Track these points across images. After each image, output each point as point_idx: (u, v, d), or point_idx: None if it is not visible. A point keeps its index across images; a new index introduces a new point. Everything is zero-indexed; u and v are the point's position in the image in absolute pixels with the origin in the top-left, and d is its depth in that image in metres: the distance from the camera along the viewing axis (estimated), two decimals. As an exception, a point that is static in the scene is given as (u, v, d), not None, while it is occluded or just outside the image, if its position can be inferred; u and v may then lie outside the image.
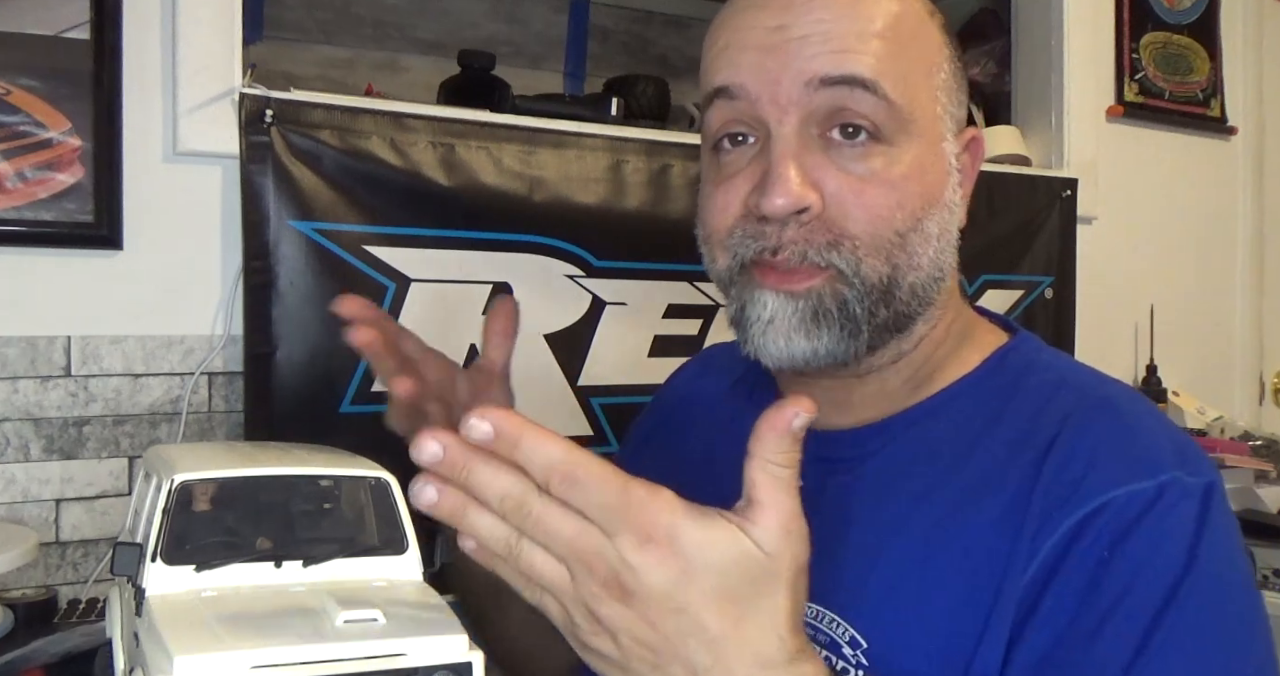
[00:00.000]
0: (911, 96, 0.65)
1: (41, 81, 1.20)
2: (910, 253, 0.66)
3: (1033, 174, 1.94)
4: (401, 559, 0.61)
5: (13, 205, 1.19)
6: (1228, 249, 2.31)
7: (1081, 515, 0.60)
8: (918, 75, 0.66)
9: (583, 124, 1.49)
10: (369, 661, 0.50)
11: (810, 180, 0.64)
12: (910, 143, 0.65)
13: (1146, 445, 0.64)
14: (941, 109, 0.68)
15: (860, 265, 0.65)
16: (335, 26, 1.88)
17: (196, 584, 0.56)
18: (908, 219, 0.65)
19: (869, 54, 0.64)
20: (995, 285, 1.88)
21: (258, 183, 1.27)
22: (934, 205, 0.67)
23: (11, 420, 1.22)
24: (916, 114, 0.66)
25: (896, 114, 0.64)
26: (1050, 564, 0.60)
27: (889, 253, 0.65)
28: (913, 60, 0.66)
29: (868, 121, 0.64)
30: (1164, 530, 0.59)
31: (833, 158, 0.65)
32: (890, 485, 0.69)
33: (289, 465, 0.63)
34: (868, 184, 0.64)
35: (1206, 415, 2.07)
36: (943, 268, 0.69)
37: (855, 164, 0.65)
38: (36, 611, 1.12)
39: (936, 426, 0.70)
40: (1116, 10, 2.09)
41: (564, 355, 1.48)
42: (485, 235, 1.42)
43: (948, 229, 0.69)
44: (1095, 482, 0.61)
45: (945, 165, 0.68)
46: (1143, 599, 0.58)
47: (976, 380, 0.71)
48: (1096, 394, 0.68)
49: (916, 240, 0.66)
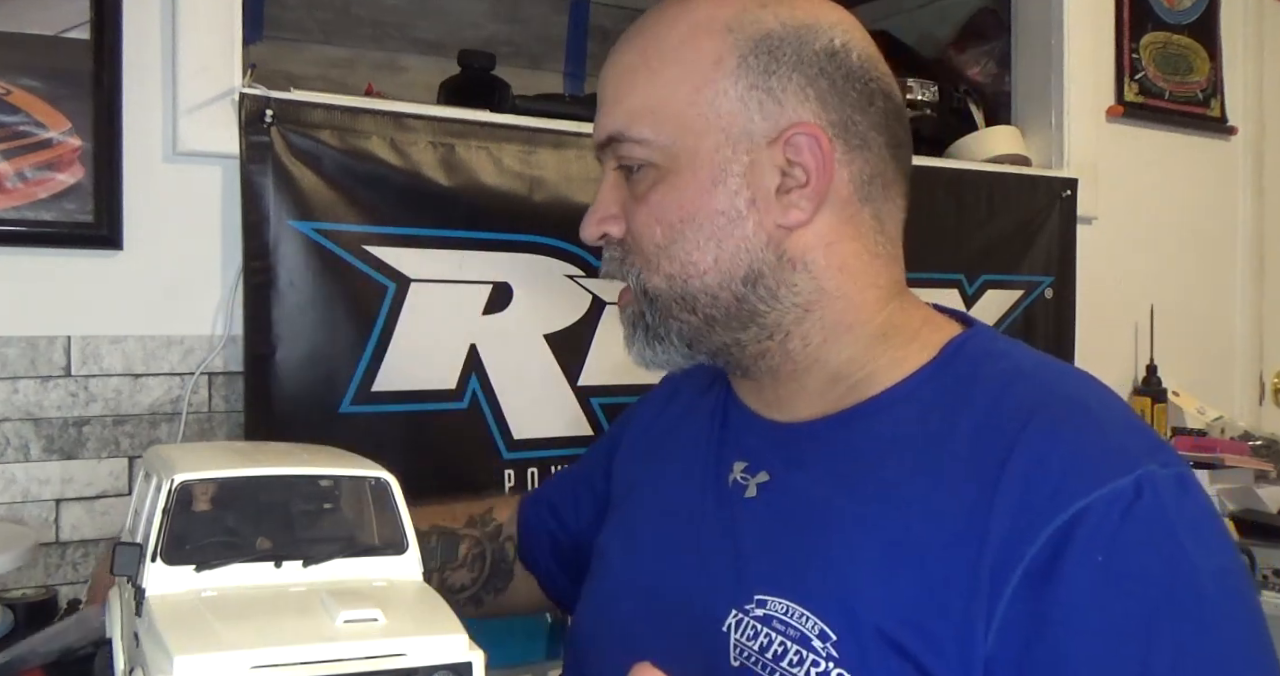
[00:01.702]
0: (672, 125, 0.72)
1: (41, 81, 1.20)
2: (679, 262, 0.73)
3: (1033, 174, 1.94)
4: (401, 559, 0.61)
5: (13, 205, 1.19)
6: (1228, 249, 2.31)
7: (1064, 519, 0.60)
8: (675, 100, 0.72)
9: (583, 124, 1.49)
10: (369, 661, 0.50)
11: (610, 212, 0.76)
12: (682, 163, 0.72)
13: (1117, 441, 0.64)
14: (723, 120, 0.71)
15: (640, 277, 0.75)
16: (335, 26, 1.88)
17: (196, 584, 0.56)
18: (666, 232, 0.73)
19: (620, 110, 0.74)
20: (995, 285, 1.88)
21: (258, 183, 1.27)
22: (698, 216, 0.72)
23: (11, 420, 1.22)
24: (683, 137, 0.72)
25: (657, 147, 0.72)
26: (1039, 570, 0.60)
27: (657, 264, 0.74)
28: (666, 89, 0.72)
29: (640, 161, 0.74)
30: (1151, 526, 0.60)
31: (631, 191, 0.75)
32: (851, 480, 0.70)
33: (289, 465, 0.63)
34: (637, 208, 0.74)
35: (1206, 415, 2.07)
36: (752, 268, 0.72)
37: (636, 190, 0.75)
38: (36, 611, 1.12)
39: (891, 421, 0.71)
40: (1116, 10, 2.10)
41: (564, 355, 1.48)
42: (485, 235, 1.42)
43: (730, 235, 0.72)
44: (1073, 486, 0.61)
45: (713, 175, 0.72)
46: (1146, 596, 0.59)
47: (929, 375, 0.72)
48: (1057, 389, 0.68)
49: (681, 251, 0.72)
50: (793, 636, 0.66)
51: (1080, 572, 0.59)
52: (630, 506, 0.88)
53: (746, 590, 0.70)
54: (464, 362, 1.42)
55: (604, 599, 0.85)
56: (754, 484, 0.76)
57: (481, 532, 1.01)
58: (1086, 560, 0.59)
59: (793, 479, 0.74)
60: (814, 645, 0.65)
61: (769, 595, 0.69)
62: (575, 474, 1.03)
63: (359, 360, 1.33)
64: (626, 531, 0.86)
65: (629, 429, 0.96)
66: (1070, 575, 0.60)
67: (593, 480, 0.97)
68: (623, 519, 0.88)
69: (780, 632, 0.67)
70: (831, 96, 0.72)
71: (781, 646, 0.66)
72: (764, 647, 0.67)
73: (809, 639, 0.65)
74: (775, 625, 0.67)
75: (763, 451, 0.77)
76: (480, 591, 1.00)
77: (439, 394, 1.39)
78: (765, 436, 0.78)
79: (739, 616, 0.70)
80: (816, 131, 0.71)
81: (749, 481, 0.76)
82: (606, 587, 0.85)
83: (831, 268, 0.73)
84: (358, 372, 1.33)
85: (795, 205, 0.72)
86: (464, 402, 1.41)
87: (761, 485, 0.75)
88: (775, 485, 0.75)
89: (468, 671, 0.52)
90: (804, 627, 0.66)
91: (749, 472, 0.77)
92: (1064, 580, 0.60)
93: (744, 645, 0.69)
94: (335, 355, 1.31)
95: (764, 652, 0.67)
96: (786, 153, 0.71)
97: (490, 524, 1.02)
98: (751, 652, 0.68)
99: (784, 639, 0.66)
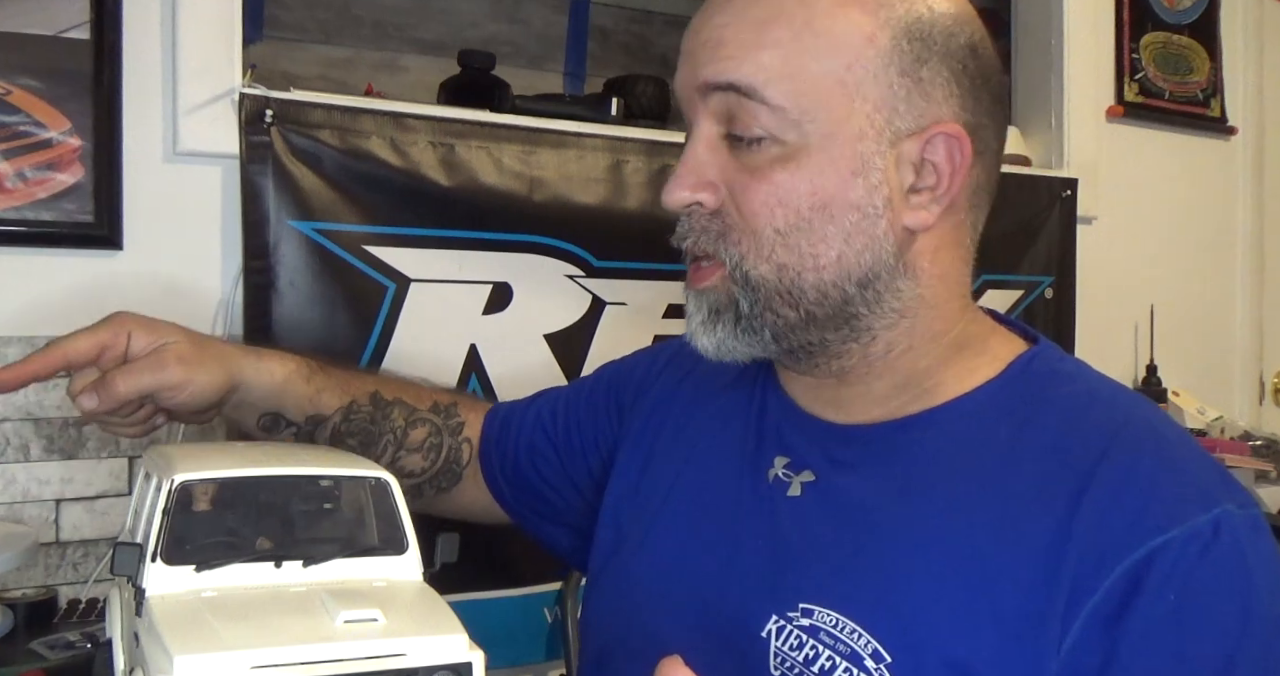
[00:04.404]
0: (810, 97, 0.65)
1: (41, 81, 1.20)
2: (799, 253, 0.66)
3: (1033, 174, 1.94)
4: (401, 559, 0.61)
5: (13, 205, 1.19)
6: (1228, 249, 2.31)
7: (1140, 556, 0.59)
8: (822, 73, 0.65)
9: (583, 124, 1.49)
10: (369, 661, 0.50)
11: (708, 178, 0.67)
12: (811, 142, 0.65)
13: (1197, 477, 0.63)
14: (869, 106, 0.65)
15: (743, 261, 0.67)
16: (335, 26, 1.88)
17: (196, 584, 0.56)
18: (790, 217, 0.66)
19: (751, 60, 0.65)
20: (995, 285, 1.89)
21: (258, 183, 1.27)
22: (830, 206, 0.66)
23: (11, 420, 1.22)
24: (818, 113, 0.65)
25: (785, 116, 0.65)
26: (1111, 606, 0.59)
27: (770, 251, 0.66)
28: (815, 58, 0.65)
29: (757, 124, 0.65)
30: (1227, 569, 0.59)
31: (734, 156, 0.67)
32: (909, 489, 0.67)
33: (289, 465, 0.63)
34: (753, 181, 0.66)
35: (1206, 415, 2.07)
36: (870, 270, 0.67)
37: (748, 161, 0.66)
38: (36, 611, 1.12)
39: (955, 432, 0.68)
40: (1116, 10, 2.10)
41: (564, 355, 1.48)
42: (485, 235, 1.42)
43: (861, 231, 0.66)
44: (1150, 522, 0.60)
45: (855, 165, 0.66)
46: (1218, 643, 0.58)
47: (996, 389, 0.69)
48: (1135, 417, 0.66)
49: (804, 241, 0.66)
50: (843, 652, 0.63)
51: (1152, 612, 0.58)
52: (650, 488, 0.83)
53: (790, 596, 0.67)
54: (464, 363, 1.42)
55: (625, 585, 0.80)
56: (798, 482, 0.72)
57: (443, 423, 0.95)
58: (1159, 599, 0.58)
59: (843, 481, 0.70)
60: (866, 665, 0.62)
61: (816, 604, 0.65)
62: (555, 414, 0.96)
63: (359, 360, 1.33)
64: (648, 514, 0.82)
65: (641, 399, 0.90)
66: (1142, 614, 0.58)
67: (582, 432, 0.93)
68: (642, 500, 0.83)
69: (829, 646, 0.64)
70: (970, 97, 0.68)
71: (830, 661, 0.63)
72: (809, 660, 0.64)
73: (861, 657, 0.63)
74: (823, 638, 0.64)
75: (809, 450, 0.73)
76: (425, 483, 0.94)
77: (439, 394, 1.39)
78: (815, 435, 0.73)
79: (780, 623, 0.67)
80: (961, 134, 0.67)
81: (792, 479, 0.72)
82: (626, 573, 0.81)
83: (934, 275, 0.70)
84: (358, 372, 1.33)
85: (923, 207, 0.68)
86: (464, 403, 1.41)
87: (807, 484, 0.71)
88: (823, 486, 0.71)
89: (468, 671, 0.52)
90: (856, 644, 0.63)
91: (791, 469, 0.73)
92: (1135, 618, 0.58)
93: (786, 655, 0.66)
94: (335, 355, 1.31)
95: (809, 665, 0.64)
96: (925, 151, 0.67)
97: (454, 417, 0.96)
98: (795, 663, 0.65)
99: (833, 653, 0.63)
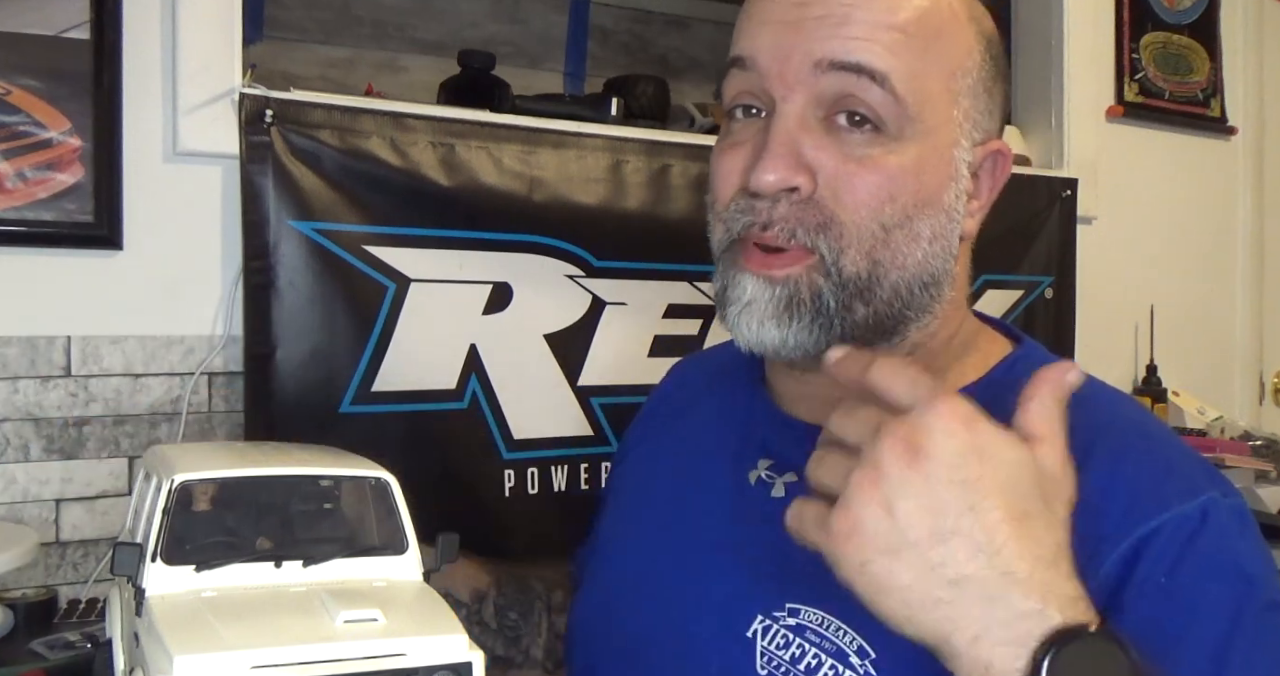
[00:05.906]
0: (923, 95, 0.64)
1: (41, 81, 1.20)
2: (894, 250, 0.65)
3: (1033, 174, 1.93)
4: (401, 559, 0.61)
5: (13, 205, 1.19)
6: (1228, 249, 2.31)
7: (1133, 541, 0.60)
8: (935, 75, 0.65)
9: (583, 124, 1.49)
10: (369, 661, 0.50)
11: (804, 161, 0.64)
12: (914, 140, 0.65)
13: (1181, 468, 0.64)
14: (961, 113, 0.67)
15: (841, 255, 0.64)
16: (335, 26, 1.88)
17: (196, 584, 0.56)
18: (896, 213, 0.64)
19: (882, 45, 0.63)
20: (995, 285, 1.88)
21: (258, 183, 1.27)
22: (929, 206, 0.66)
23: (11, 420, 1.22)
24: (926, 113, 0.65)
25: (903, 110, 0.64)
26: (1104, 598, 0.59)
27: (871, 246, 0.64)
28: (933, 59, 0.65)
29: (871, 112, 0.64)
30: (1215, 552, 0.60)
31: (833, 141, 0.64)
32: None
33: (289, 465, 0.63)
34: (862, 171, 0.64)
35: (1206, 415, 2.07)
36: (935, 273, 0.67)
37: (853, 150, 0.64)
38: (36, 611, 1.12)
39: None
40: (1116, 10, 2.10)
41: (564, 355, 1.48)
42: (485, 235, 1.42)
43: (943, 234, 0.67)
44: (1142, 509, 0.61)
45: (950, 169, 0.66)
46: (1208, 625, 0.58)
47: (982, 389, 0.69)
48: (1120, 414, 0.68)
49: (902, 238, 0.65)
50: (828, 649, 0.64)
51: (1142, 595, 0.59)
52: (632, 491, 0.84)
53: (776, 596, 0.67)
54: (464, 362, 1.42)
55: (611, 588, 0.81)
56: (781, 483, 0.72)
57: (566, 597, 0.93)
58: (1149, 582, 0.59)
59: None
60: (851, 661, 0.63)
61: (802, 604, 0.66)
62: None
63: (359, 360, 1.33)
64: (631, 517, 0.83)
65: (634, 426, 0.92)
66: (1133, 598, 0.59)
67: None
68: (626, 503, 0.84)
69: (815, 644, 0.64)
70: (1000, 112, 0.71)
71: (816, 659, 0.64)
72: (795, 659, 0.65)
73: (846, 654, 0.63)
74: (809, 637, 0.65)
75: (794, 452, 0.72)
76: None
77: (439, 394, 1.39)
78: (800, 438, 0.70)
79: (767, 623, 0.67)
80: (1008, 150, 0.69)
81: (775, 480, 0.72)
82: (611, 577, 0.82)
83: (959, 281, 0.72)
84: (358, 373, 1.33)
85: (972, 216, 0.70)
86: (464, 403, 1.41)
87: (790, 485, 0.71)
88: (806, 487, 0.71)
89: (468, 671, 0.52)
90: (841, 642, 0.64)
91: (774, 471, 0.73)
92: (1126, 603, 0.59)
93: (773, 654, 0.66)
94: (335, 355, 1.31)
95: (796, 664, 0.65)
96: (982, 162, 0.69)
97: None
98: (782, 662, 0.66)
99: (819, 651, 0.64)
